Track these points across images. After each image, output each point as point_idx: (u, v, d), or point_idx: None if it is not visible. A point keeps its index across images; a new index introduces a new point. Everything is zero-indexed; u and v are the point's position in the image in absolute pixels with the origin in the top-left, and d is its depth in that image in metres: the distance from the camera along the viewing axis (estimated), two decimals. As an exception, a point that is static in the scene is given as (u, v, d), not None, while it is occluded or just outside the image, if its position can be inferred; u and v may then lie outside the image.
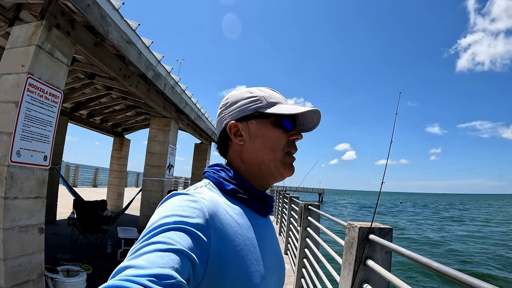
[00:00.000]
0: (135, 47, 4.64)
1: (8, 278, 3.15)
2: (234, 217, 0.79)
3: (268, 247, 0.89)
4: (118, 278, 0.51)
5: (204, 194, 0.77)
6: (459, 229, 28.60)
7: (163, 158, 7.98)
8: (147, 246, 0.58)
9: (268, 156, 0.90)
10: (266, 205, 0.93)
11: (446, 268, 1.29)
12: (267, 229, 0.94)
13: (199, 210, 0.70)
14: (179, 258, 0.57)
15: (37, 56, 3.33)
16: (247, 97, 0.92)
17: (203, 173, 0.95)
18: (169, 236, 0.60)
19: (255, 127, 0.91)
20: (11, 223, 3.19)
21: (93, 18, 3.60)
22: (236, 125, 0.91)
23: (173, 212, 0.67)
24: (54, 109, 3.64)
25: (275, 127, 0.91)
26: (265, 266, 0.82)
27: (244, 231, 0.79)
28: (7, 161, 3.14)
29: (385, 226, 2.19)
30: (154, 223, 0.65)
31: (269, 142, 0.90)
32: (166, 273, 0.53)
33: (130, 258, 0.56)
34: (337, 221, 3.13)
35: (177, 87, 6.91)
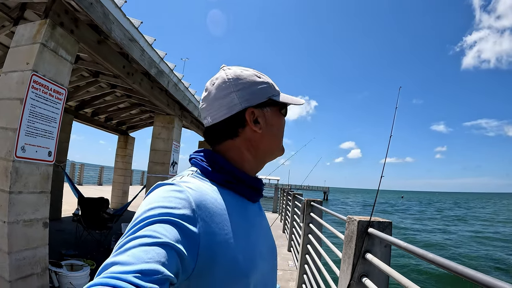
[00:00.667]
0: (138, 44, 4.68)
1: (12, 271, 3.20)
2: (222, 205, 0.77)
3: (259, 233, 0.89)
4: (103, 276, 0.51)
5: (190, 183, 0.76)
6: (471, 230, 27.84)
7: (167, 155, 8.00)
8: (132, 240, 0.57)
9: (277, 143, 0.93)
10: (256, 190, 0.91)
11: (440, 258, 1.31)
12: (257, 215, 0.93)
13: (185, 201, 0.69)
14: (165, 252, 0.57)
15: (41, 54, 3.38)
16: (260, 82, 0.89)
17: (189, 160, 0.92)
18: (154, 229, 0.60)
19: (270, 114, 0.90)
20: (16, 217, 3.24)
21: (96, 16, 3.65)
22: (253, 112, 0.87)
23: (158, 204, 0.66)
24: (58, 105, 3.69)
25: (281, 114, 0.93)
26: (257, 252, 0.82)
27: (234, 219, 0.78)
28: (12, 156, 3.20)
29: (384, 220, 2.19)
30: (139, 216, 0.64)
31: (281, 130, 0.93)
32: (152, 268, 0.53)
33: (115, 254, 0.56)
34: (337, 215, 3.16)
35: (180, 84, 6.93)
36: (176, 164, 8.42)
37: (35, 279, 3.46)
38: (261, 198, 0.98)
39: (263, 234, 0.93)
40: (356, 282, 2.13)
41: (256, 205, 0.95)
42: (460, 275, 1.15)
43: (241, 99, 0.86)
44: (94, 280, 0.50)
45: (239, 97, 0.86)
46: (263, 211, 1.02)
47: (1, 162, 3.26)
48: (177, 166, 8.48)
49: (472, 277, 1.08)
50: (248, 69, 0.91)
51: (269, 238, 0.97)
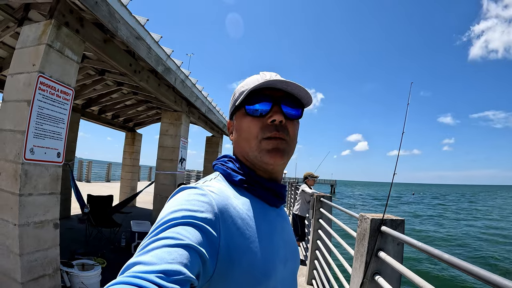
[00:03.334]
0: (145, 42, 4.65)
1: (24, 273, 3.21)
2: (244, 209, 0.78)
3: (280, 238, 0.87)
4: (126, 275, 0.51)
5: (213, 187, 0.77)
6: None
7: (175, 151, 8.02)
8: (155, 241, 0.58)
9: (246, 147, 0.88)
10: (276, 195, 0.90)
11: (457, 260, 1.29)
12: (278, 220, 0.92)
13: (208, 204, 0.69)
14: (188, 253, 0.57)
15: (47, 54, 3.37)
16: (233, 95, 0.95)
17: (213, 166, 0.94)
18: (178, 231, 0.60)
19: (235, 122, 0.92)
20: (27, 219, 3.25)
21: (102, 15, 3.62)
22: (230, 124, 0.96)
23: (182, 207, 0.66)
24: (66, 106, 3.68)
25: (244, 116, 0.87)
26: (277, 257, 0.81)
27: (255, 223, 0.78)
28: (21, 158, 3.20)
29: (397, 218, 2.19)
30: (162, 218, 0.64)
31: (243, 133, 0.88)
32: (175, 269, 0.53)
33: (139, 254, 0.56)
34: (349, 213, 3.14)
35: (188, 81, 6.91)
36: (185, 161, 8.44)
37: (47, 280, 3.48)
38: (284, 203, 0.97)
39: (285, 238, 0.92)
40: (369, 280, 2.14)
41: (279, 210, 0.95)
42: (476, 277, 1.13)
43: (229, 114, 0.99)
44: (117, 278, 0.51)
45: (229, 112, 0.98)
46: (286, 216, 1.01)
47: (10, 165, 3.26)
48: (185, 162, 8.51)
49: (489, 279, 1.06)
50: (253, 78, 0.90)
51: (291, 243, 0.96)
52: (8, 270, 3.24)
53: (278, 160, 0.84)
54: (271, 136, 0.84)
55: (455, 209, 41.88)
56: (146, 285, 0.48)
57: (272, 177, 0.91)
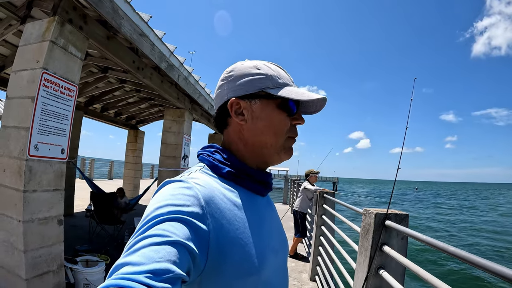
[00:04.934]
0: (148, 39, 4.65)
1: (28, 269, 3.22)
2: (231, 200, 0.77)
3: (270, 227, 0.88)
4: (115, 277, 0.50)
5: (198, 179, 0.76)
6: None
7: (178, 148, 8.04)
8: (142, 240, 0.57)
9: (270, 141, 0.86)
10: (264, 184, 0.90)
11: (462, 252, 1.29)
12: (267, 209, 0.92)
13: (194, 197, 0.68)
14: (176, 250, 0.57)
15: (51, 51, 3.37)
16: (254, 73, 0.86)
17: (197, 156, 0.91)
18: (164, 227, 0.59)
19: (259, 107, 0.85)
20: (31, 215, 3.27)
21: (105, 12, 3.62)
22: (238, 103, 0.86)
23: (167, 202, 0.65)
24: (69, 103, 3.69)
25: (280, 110, 0.85)
26: (268, 247, 0.81)
27: (243, 214, 0.78)
28: (25, 155, 3.21)
29: (401, 212, 2.20)
30: (148, 215, 0.64)
31: (272, 126, 0.85)
32: (164, 268, 0.52)
33: (126, 254, 0.55)
34: (353, 208, 3.15)
35: (191, 77, 6.91)
36: (187, 158, 8.47)
37: (51, 276, 3.49)
38: (271, 191, 0.97)
39: (274, 227, 0.92)
40: (374, 275, 2.16)
41: (265, 199, 0.94)
42: (482, 268, 1.14)
43: (228, 89, 0.88)
44: (106, 281, 0.50)
45: (227, 88, 0.88)
46: (272, 204, 1.01)
47: (15, 161, 3.27)
48: (188, 159, 8.53)
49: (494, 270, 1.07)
50: (256, 62, 0.89)
51: (280, 232, 0.96)
52: (12, 266, 3.26)
53: (289, 158, 0.90)
54: (294, 137, 0.89)
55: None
56: (135, 286, 0.48)
57: (260, 167, 0.91)
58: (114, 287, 0.47)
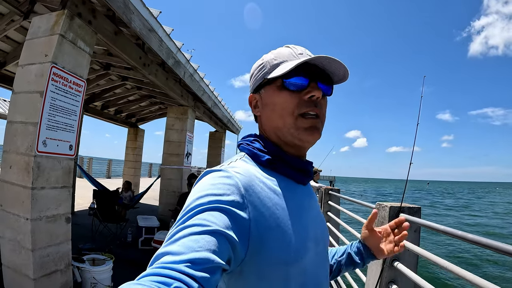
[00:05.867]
0: (157, 35, 4.61)
1: (36, 268, 3.17)
2: (271, 188, 0.77)
3: (310, 215, 0.86)
4: (155, 266, 0.52)
5: (238, 168, 0.76)
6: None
7: (181, 146, 8.05)
8: (182, 230, 0.58)
9: (280, 123, 0.83)
10: (304, 172, 0.88)
11: (480, 238, 1.32)
12: (307, 197, 0.89)
13: (234, 186, 0.68)
14: (215, 239, 0.57)
15: (60, 45, 3.31)
16: (257, 66, 0.89)
17: (238, 146, 0.93)
18: (204, 217, 0.60)
19: (265, 95, 0.87)
20: (39, 213, 3.21)
21: (117, 6, 3.56)
22: (253, 97, 0.91)
23: (207, 192, 0.66)
24: (78, 98, 3.63)
25: (280, 90, 0.83)
26: (308, 235, 0.80)
27: (283, 202, 0.76)
28: (34, 151, 3.14)
29: (413, 206, 2.29)
30: (189, 204, 0.64)
31: (276, 109, 0.83)
32: (203, 257, 0.53)
33: (166, 244, 0.57)
34: (363, 203, 3.19)
35: (196, 75, 6.90)
36: (190, 155, 8.47)
37: (59, 276, 3.44)
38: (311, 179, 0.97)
39: (314, 216, 0.90)
40: (389, 266, 2.21)
41: (306, 188, 0.92)
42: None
43: (250, 88, 0.94)
44: (147, 270, 0.51)
45: (250, 86, 0.93)
46: (313, 194, 0.98)
47: (22, 158, 3.20)
48: (191, 157, 8.52)
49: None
50: (266, 54, 0.89)
51: (321, 220, 0.95)
52: (20, 266, 3.20)
53: (316, 138, 0.84)
54: (308, 111, 0.81)
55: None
56: (175, 275, 0.49)
57: (299, 154, 0.89)
58: (154, 276, 0.49)
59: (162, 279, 0.48)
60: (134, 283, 0.47)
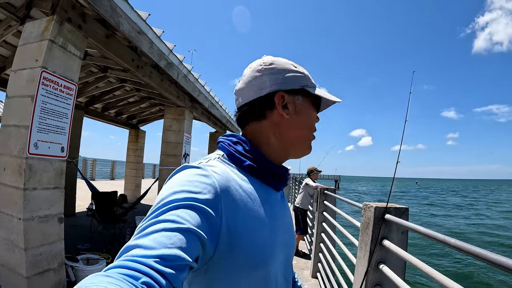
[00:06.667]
0: (146, 37, 4.65)
1: (29, 267, 3.24)
2: (247, 192, 0.77)
3: (280, 222, 0.87)
4: (124, 258, 0.51)
5: (216, 168, 0.76)
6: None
7: (179, 147, 8.06)
8: (155, 224, 0.58)
9: (304, 134, 0.91)
10: (281, 179, 0.90)
11: (463, 243, 1.28)
12: (279, 204, 0.91)
13: (211, 186, 0.68)
14: (187, 238, 0.57)
15: (50, 50, 3.38)
16: (294, 70, 0.89)
17: (217, 143, 0.91)
18: (178, 214, 0.60)
19: (301, 103, 0.89)
20: (31, 213, 3.28)
21: (103, 10, 3.62)
22: (284, 98, 0.87)
23: (183, 188, 0.66)
24: (69, 101, 3.70)
25: (313, 107, 0.93)
26: (276, 241, 0.81)
27: (257, 207, 0.77)
28: (25, 153, 3.22)
29: (401, 206, 2.20)
30: (163, 198, 0.64)
31: (309, 121, 0.91)
32: (173, 254, 0.53)
33: (137, 236, 0.56)
34: (352, 203, 3.16)
35: (190, 75, 6.91)
36: (188, 156, 8.48)
37: (52, 274, 3.50)
38: (286, 186, 0.99)
39: (285, 223, 0.91)
40: (374, 269, 2.14)
41: (279, 193, 0.94)
42: (484, 260, 1.12)
43: (272, 82, 0.87)
44: (115, 262, 0.51)
45: (270, 80, 0.87)
46: (286, 200, 1.01)
47: (15, 160, 3.28)
48: (189, 157, 8.54)
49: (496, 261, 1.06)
50: (285, 59, 0.91)
51: (290, 228, 0.96)
52: (13, 264, 3.27)
53: (309, 153, 0.97)
54: (314, 134, 0.95)
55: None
56: (144, 269, 0.49)
57: (280, 161, 0.93)
58: (123, 268, 0.48)
59: (130, 273, 0.48)
60: (101, 275, 0.47)
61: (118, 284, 0.44)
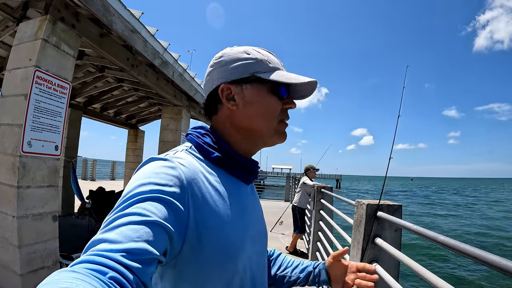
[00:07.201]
0: (140, 35, 4.67)
1: (23, 265, 3.26)
2: (214, 185, 0.77)
3: (250, 215, 0.87)
4: (90, 253, 0.51)
5: (183, 160, 0.75)
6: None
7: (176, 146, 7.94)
8: (121, 217, 0.57)
9: (262, 124, 0.85)
10: (250, 172, 0.90)
11: (452, 241, 1.26)
12: (249, 197, 0.91)
13: (177, 178, 0.68)
14: (154, 231, 0.57)
15: (43, 49, 3.41)
16: (244, 58, 0.85)
17: (186, 135, 0.90)
18: (144, 206, 0.59)
19: (250, 92, 0.84)
20: (25, 211, 3.30)
21: (96, 9, 3.64)
22: (229, 88, 0.84)
23: (150, 180, 0.65)
24: (63, 100, 3.72)
25: (270, 94, 0.85)
26: (246, 234, 0.81)
27: (225, 199, 0.77)
28: (19, 151, 3.24)
29: (393, 203, 2.14)
30: (129, 191, 0.63)
31: (263, 110, 0.85)
32: (140, 247, 0.53)
33: (104, 230, 0.55)
34: (345, 200, 3.16)
35: (186, 74, 6.92)
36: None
37: (46, 272, 3.51)
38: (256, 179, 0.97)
39: (255, 216, 0.91)
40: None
41: (249, 187, 0.94)
42: (472, 258, 1.10)
43: (218, 75, 0.86)
44: (81, 257, 0.50)
45: (217, 74, 0.86)
46: (256, 193, 1.00)
47: (8, 158, 3.31)
48: None
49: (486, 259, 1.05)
50: (245, 47, 0.88)
51: (260, 221, 0.96)
52: (7, 262, 3.29)
53: (283, 141, 0.91)
54: (285, 120, 0.90)
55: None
56: (111, 264, 0.48)
57: (248, 154, 0.91)
58: (89, 263, 0.48)
59: (97, 267, 0.47)
60: (67, 270, 0.46)
61: (85, 280, 0.44)
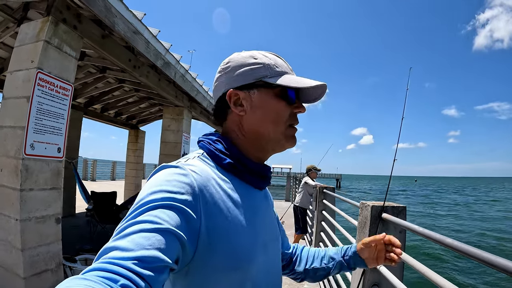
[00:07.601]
0: (142, 37, 4.66)
1: (26, 267, 3.24)
2: (226, 191, 0.76)
3: (262, 221, 0.87)
4: (102, 261, 0.51)
5: (195, 167, 0.74)
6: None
7: (177, 147, 8.04)
8: (133, 225, 0.57)
9: (270, 129, 0.84)
10: (263, 177, 0.89)
11: (459, 243, 1.25)
12: (263, 203, 0.91)
13: (189, 185, 0.67)
14: (166, 238, 0.57)
15: (45, 51, 3.39)
16: (250, 63, 0.84)
17: (198, 142, 0.90)
18: (156, 214, 0.59)
19: (258, 97, 0.84)
20: (28, 214, 3.28)
21: (98, 10, 3.62)
22: (236, 94, 0.84)
23: (161, 188, 0.65)
24: (65, 101, 3.70)
25: (278, 98, 0.84)
26: (258, 241, 0.80)
27: (237, 206, 0.76)
28: (22, 154, 3.23)
29: (398, 205, 2.15)
30: (141, 199, 0.63)
31: (272, 115, 0.84)
32: (152, 255, 0.53)
33: (116, 238, 0.56)
34: (349, 201, 3.15)
35: (188, 75, 6.91)
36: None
37: (49, 275, 3.50)
38: (269, 186, 0.97)
39: (267, 222, 0.91)
40: (371, 269, 2.09)
41: (263, 192, 0.93)
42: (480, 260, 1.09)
43: (226, 81, 0.86)
44: (93, 264, 0.50)
45: (225, 79, 0.87)
46: (270, 199, 1.00)
47: (11, 161, 3.29)
48: None
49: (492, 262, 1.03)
50: (252, 52, 0.88)
51: (273, 227, 0.95)
52: (10, 265, 3.28)
53: (292, 146, 0.90)
54: (294, 124, 0.89)
55: None
56: (122, 272, 0.48)
57: (259, 159, 0.90)
58: (101, 271, 0.48)
59: (108, 275, 0.47)
60: (79, 277, 0.46)
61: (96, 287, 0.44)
